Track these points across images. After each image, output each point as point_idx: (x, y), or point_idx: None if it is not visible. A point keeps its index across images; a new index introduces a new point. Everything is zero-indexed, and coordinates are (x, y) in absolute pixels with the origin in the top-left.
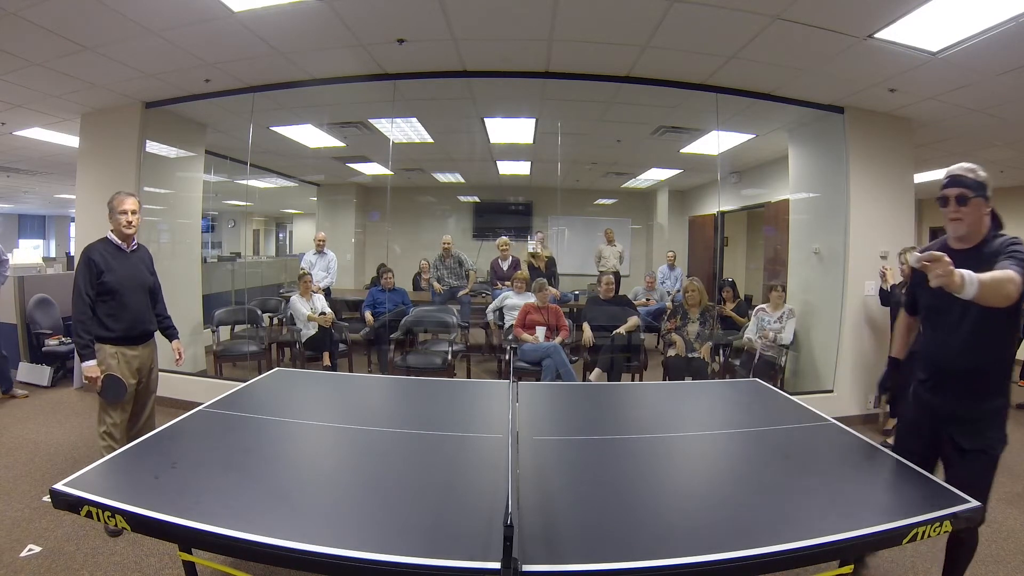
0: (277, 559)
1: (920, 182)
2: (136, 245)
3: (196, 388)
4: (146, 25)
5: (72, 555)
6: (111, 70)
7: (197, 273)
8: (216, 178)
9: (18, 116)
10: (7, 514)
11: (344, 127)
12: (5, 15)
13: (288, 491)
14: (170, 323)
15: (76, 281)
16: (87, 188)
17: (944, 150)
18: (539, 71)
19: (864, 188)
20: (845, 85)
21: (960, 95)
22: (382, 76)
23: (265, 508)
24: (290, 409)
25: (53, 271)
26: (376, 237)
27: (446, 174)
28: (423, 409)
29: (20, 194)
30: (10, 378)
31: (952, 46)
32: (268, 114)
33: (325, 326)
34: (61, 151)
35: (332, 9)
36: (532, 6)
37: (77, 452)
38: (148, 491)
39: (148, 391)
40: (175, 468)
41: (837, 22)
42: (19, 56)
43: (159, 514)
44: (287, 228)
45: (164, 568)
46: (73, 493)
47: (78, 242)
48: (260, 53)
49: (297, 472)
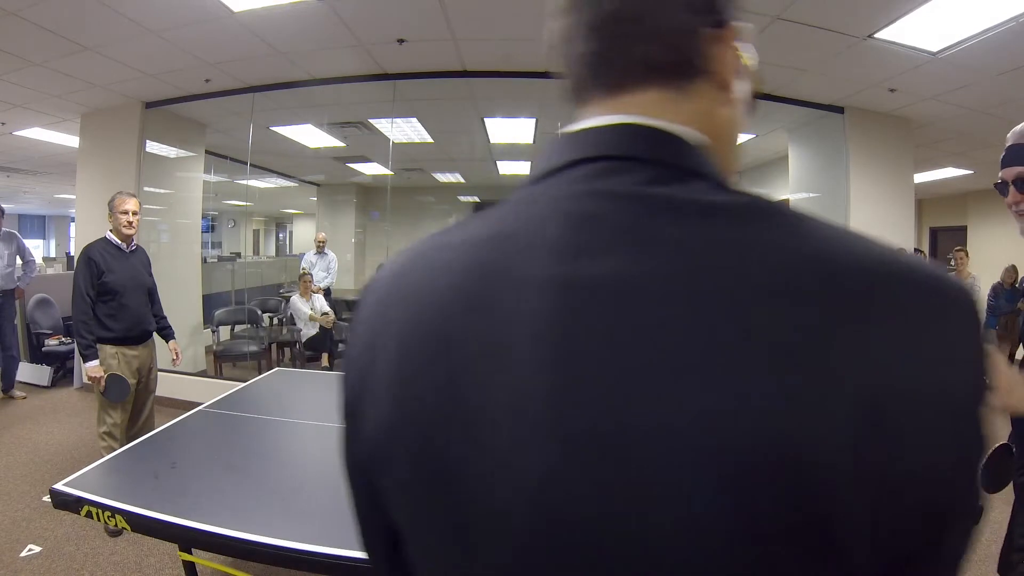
0: (276, 559)
1: (920, 182)
2: (135, 246)
3: (196, 388)
4: (146, 25)
5: (72, 555)
6: (111, 70)
7: (197, 273)
8: (216, 178)
9: (18, 116)
10: (7, 514)
11: (344, 127)
12: (5, 15)
13: (288, 491)
14: (167, 324)
15: (76, 281)
16: (87, 188)
17: (944, 150)
18: (539, 71)
19: (864, 188)
20: (845, 85)
21: (960, 95)
22: (382, 76)
23: (265, 508)
24: (290, 409)
25: (53, 271)
26: (376, 237)
27: (446, 174)
28: None
29: (20, 194)
30: (13, 378)
31: (952, 46)
32: (268, 114)
33: (327, 326)
34: (61, 151)
35: (332, 9)
36: (532, 6)
37: (77, 452)
38: (148, 491)
39: (147, 391)
40: (175, 468)
41: (837, 22)
42: (19, 56)
43: (159, 514)
44: (287, 228)
45: (164, 568)
46: (73, 493)
47: (78, 242)
48: (260, 53)
49: (297, 472)
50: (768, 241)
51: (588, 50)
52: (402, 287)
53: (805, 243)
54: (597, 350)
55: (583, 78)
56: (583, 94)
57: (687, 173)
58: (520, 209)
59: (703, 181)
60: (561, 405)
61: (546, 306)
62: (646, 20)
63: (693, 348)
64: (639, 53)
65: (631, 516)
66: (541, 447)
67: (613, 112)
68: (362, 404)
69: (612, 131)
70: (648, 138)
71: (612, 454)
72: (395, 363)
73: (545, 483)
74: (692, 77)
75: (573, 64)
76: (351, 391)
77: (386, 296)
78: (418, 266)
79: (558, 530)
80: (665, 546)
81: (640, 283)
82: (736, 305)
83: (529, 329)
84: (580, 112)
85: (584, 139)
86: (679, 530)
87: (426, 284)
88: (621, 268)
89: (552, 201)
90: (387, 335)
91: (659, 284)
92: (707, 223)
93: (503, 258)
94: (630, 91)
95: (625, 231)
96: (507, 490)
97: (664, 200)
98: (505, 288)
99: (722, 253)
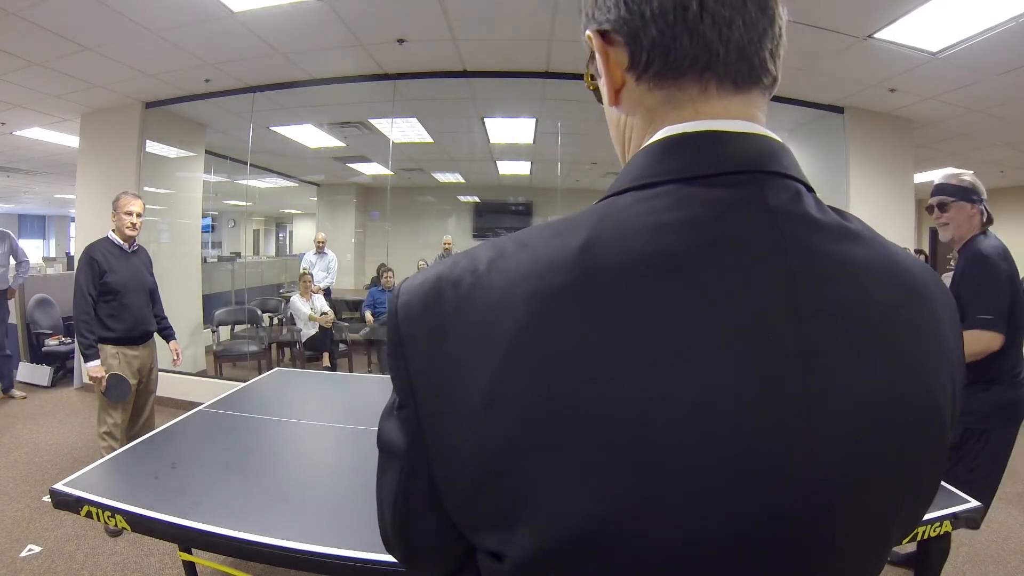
0: (276, 559)
1: (920, 182)
2: (137, 246)
3: (196, 388)
4: (146, 25)
5: (72, 555)
6: (111, 70)
7: (197, 273)
8: (216, 178)
9: (18, 116)
10: (7, 514)
11: (344, 127)
12: (5, 15)
13: (288, 491)
14: (167, 324)
15: (78, 281)
16: (87, 188)
17: (944, 150)
18: (539, 71)
19: (864, 188)
20: (845, 85)
21: (960, 95)
22: (382, 76)
23: (265, 508)
24: (290, 409)
25: (53, 271)
26: (376, 237)
27: (446, 174)
28: None
29: (20, 194)
30: (11, 377)
31: (952, 46)
32: (268, 114)
33: (326, 326)
34: (61, 151)
35: (332, 9)
36: (532, 6)
37: (77, 452)
38: (148, 491)
39: (148, 391)
40: (175, 468)
41: (837, 22)
42: (19, 56)
43: (159, 514)
44: (287, 228)
45: (164, 568)
46: (73, 493)
47: (78, 242)
48: (260, 53)
49: (297, 472)
50: (883, 258)
51: (733, 37)
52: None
53: (891, 256)
54: (831, 340)
55: (709, 65)
56: (701, 80)
57: (803, 186)
58: (710, 213)
59: (810, 193)
60: (816, 376)
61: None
62: (776, 18)
63: (885, 335)
64: (767, 50)
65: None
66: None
67: (741, 115)
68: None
69: (759, 142)
70: (781, 153)
71: (853, 408)
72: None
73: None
74: (773, 83)
75: (698, 45)
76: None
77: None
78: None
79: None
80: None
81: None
82: (900, 308)
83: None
84: (680, 96)
85: (729, 144)
86: (890, 450)
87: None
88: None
89: (744, 215)
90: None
91: (856, 298)
92: (846, 242)
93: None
94: (749, 91)
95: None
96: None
97: (814, 221)
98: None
99: (867, 270)
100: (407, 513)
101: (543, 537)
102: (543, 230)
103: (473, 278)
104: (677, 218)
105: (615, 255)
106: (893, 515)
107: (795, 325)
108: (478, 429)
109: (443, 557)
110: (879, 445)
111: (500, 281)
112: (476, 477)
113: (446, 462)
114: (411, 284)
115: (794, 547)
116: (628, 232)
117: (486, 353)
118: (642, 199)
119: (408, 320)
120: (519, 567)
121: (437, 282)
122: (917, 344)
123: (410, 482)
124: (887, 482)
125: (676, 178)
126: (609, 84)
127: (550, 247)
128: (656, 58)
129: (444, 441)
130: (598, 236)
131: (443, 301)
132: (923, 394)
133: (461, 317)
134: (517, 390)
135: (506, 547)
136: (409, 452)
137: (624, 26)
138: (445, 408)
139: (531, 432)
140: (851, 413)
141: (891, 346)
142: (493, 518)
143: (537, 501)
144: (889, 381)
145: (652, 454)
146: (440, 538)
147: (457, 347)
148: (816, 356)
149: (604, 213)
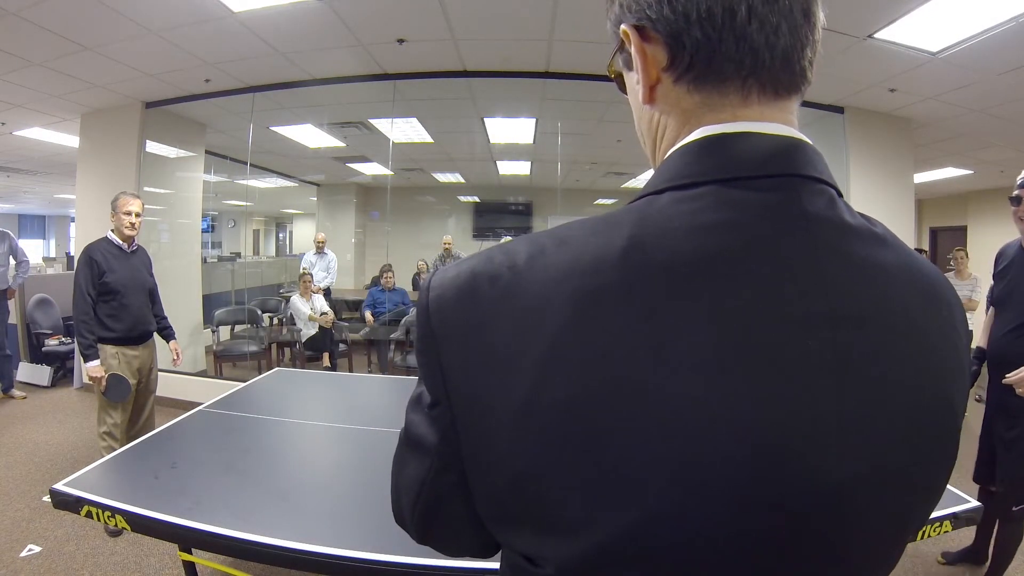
0: (276, 559)
1: (920, 182)
2: (136, 246)
3: (196, 388)
4: (146, 25)
5: (72, 555)
6: (111, 70)
7: (197, 273)
8: (216, 178)
9: (18, 116)
10: (7, 514)
11: (344, 127)
12: (5, 15)
13: (288, 491)
14: (167, 324)
15: (77, 280)
16: (87, 188)
17: (944, 150)
18: (539, 71)
19: (864, 188)
20: (845, 85)
21: (960, 95)
22: (382, 76)
23: (265, 508)
24: (290, 409)
25: (53, 271)
26: (376, 237)
27: (446, 174)
28: None
29: (20, 194)
30: (11, 377)
31: (952, 46)
32: (268, 114)
33: (326, 326)
34: (61, 151)
35: (332, 9)
36: (532, 6)
37: (77, 452)
38: (148, 491)
39: (148, 391)
40: (175, 468)
41: (837, 22)
42: (19, 56)
43: (159, 514)
44: (287, 228)
45: (164, 568)
46: (73, 493)
47: (78, 242)
48: (260, 53)
49: (297, 472)
50: (905, 262)
51: (779, 44)
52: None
53: (913, 260)
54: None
55: (754, 71)
56: (744, 86)
57: (835, 191)
58: (748, 217)
59: (841, 198)
60: (851, 386)
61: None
62: (817, 24)
63: (912, 341)
64: (808, 59)
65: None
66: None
67: (778, 119)
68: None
69: (795, 146)
70: (815, 158)
71: (885, 401)
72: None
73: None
74: (806, 89)
75: (744, 51)
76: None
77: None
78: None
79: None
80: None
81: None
82: (922, 312)
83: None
84: (721, 101)
85: (767, 147)
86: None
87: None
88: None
89: (782, 220)
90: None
91: (886, 302)
92: (876, 247)
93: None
94: (788, 98)
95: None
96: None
97: (847, 227)
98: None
99: (894, 276)
100: (431, 504)
101: (583, 545)
102: (579, 228)
103: (512, 274)
104: (719, 220)
105: (660, 255)
106: (909, 519)
107: (831, 332)
108: (517, 429)
109: (460, 543)
110: (904, 455)
111: (541, 277)
112: (511, 477)
113: (481, 462)
114: (442, 278)
115: (819, 551)
116: (670, 233)
117: (528, 352)
118: (682, 199)
119: (440, 315)
120: (563, 573)
121: (472, 276)
122: (938, 350)
123: (439, 477)
124: (907, 489)
125: (716, 179)
126: (645, 82)
127: (591, 245)
128: (699, 62)
129: (480, 441)
130: (641, 236)
131: (479, 296)
132: (944, 402)
133: (501, 313)
134: (560, 391)
135: (542, 551)
136: (440, 448)
137: (666, 25)
138: (482, 407)
139: (571, 435)
140: (881, 423)
141: (917, 353)
142: (525, 519)
143: (574, 508)
144: (916, 390)
145: (693, 465)
146: (462, 527)
147: (495, 344)
148: (850, 364)
149: (644, 212)
